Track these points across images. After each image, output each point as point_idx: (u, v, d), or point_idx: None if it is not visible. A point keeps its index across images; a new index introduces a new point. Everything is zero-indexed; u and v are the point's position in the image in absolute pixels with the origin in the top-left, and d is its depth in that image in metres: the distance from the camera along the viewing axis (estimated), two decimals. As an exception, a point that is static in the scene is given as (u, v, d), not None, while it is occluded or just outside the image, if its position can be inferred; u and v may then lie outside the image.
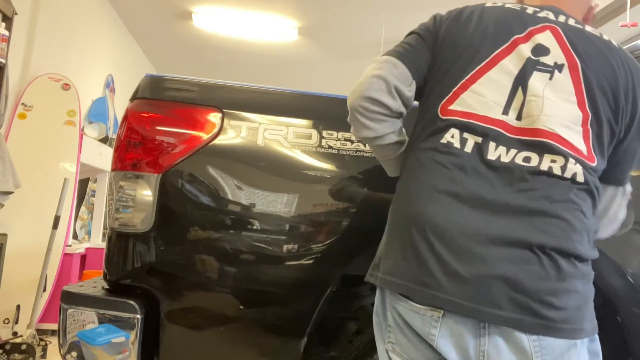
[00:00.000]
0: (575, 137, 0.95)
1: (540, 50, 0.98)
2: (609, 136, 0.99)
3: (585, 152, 0.95)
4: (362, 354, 1.35)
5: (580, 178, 0.94)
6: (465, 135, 0.96)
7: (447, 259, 0.89)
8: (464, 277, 0.88)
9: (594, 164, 0.96)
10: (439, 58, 1.03)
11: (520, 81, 0.96)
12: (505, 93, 0.96)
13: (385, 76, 0.99)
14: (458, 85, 0.99)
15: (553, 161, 0.93)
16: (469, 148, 0.95)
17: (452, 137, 0.97)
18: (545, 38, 0.99)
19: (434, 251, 0.90)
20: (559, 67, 0.97)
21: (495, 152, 0.94)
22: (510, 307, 0.87)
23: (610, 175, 1.04)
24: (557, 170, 0.93)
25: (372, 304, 1.50)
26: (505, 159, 0.93)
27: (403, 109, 1.03)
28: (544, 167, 0.93)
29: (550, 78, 0.96)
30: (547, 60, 0.97)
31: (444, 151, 0.96)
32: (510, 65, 0.98)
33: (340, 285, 1.37)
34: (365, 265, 1.27)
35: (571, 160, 0.93)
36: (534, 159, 0.93)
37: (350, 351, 1.36)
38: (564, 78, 0.96)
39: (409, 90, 1.02)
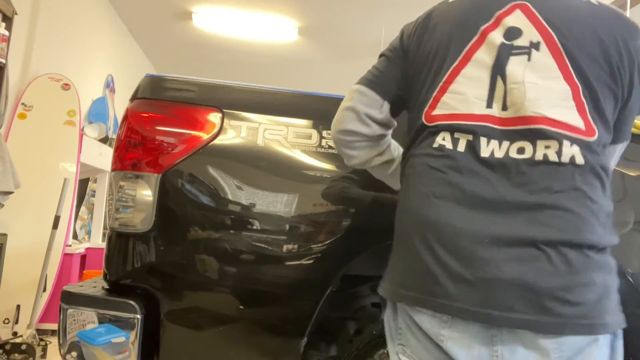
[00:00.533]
0: (568, 113, 0.90)
1: (512, 33, 0.94)
2: (612, 102, 0.94)
3: (582, 127, 0.90)
4: (362, 354, 1.35)
5: (579, 160, 0.88)
6: (457, 135, 0.94)
7: (451, 265, 0.87)
8: (470, 282, 0.85)
9: (595, 138, 0.90)
10: (416, 70, 1.03)
11: (498, 70, 0.93)
12: (484, 86, 0.94)
13: (354, 106, 1.06)
14: (437, 90, 0.97)
15: (547, 147, 0.89)
16: (461, 147, 0.93)
17: (443, 139, 0.95)
18: (515, 19, 0.95)
19: (438, 258, 0.88)
20: (536, 46, 0.93)
21: (487, 148, 0.91)
22: (523, 308, 0.83)
23: (618, 135, 1.00)
24: (553, 157, 0.88)
25: (372, 304, 1.51)
26: (499, 154, 0.90)
27: (380, 131, 1.09)
28: (539, 156, 0.89)
29: (529, 59, 0.92)
30: (521, 41, 0.93)
31: (438, 155, 0.95)
32: (484, 57, 0.95)
33: (340, 285, 1.37)
34: (365, 265, 1.27)
35: (565, 143, 0.88)
36: (528, 148, 0.89)
37: (351, 351, 1.36)
38: (542, 56, 0.92)
39: (381, 113, 1.07)
